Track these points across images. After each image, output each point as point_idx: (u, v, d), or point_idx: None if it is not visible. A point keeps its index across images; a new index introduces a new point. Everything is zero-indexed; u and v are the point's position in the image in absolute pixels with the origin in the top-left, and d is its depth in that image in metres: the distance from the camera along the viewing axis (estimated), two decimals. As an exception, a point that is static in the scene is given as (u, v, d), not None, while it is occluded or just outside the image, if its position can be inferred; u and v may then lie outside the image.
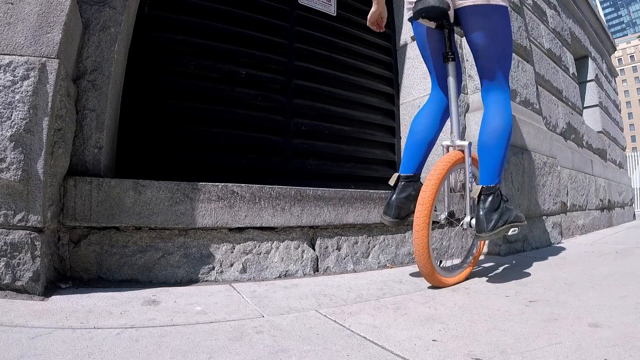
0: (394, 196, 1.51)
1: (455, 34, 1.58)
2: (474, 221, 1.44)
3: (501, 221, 1.38)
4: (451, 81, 1.49)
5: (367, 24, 1.79)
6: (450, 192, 1.60)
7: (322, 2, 2.35)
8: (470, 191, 1.46)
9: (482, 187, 1.42)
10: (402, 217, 1.50)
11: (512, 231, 1.42)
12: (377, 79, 2.60)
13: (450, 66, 1.50)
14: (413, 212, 1.42)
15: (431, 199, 1.31)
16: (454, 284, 1.42)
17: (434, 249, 1.38)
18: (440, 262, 1.51)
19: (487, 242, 2.15)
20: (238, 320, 0.96)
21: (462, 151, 1.49)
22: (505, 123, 1.45)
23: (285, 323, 0.96)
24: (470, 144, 1.48)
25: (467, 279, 1.52)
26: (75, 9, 1.19)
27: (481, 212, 1.39)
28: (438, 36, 1.55)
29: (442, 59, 1.54)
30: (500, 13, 1.44)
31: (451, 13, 1.44)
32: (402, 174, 1.54)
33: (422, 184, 1.41)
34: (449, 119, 1.59)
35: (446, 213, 1.52)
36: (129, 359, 0.70)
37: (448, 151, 1.53)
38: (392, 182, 1.54)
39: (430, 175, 1.37)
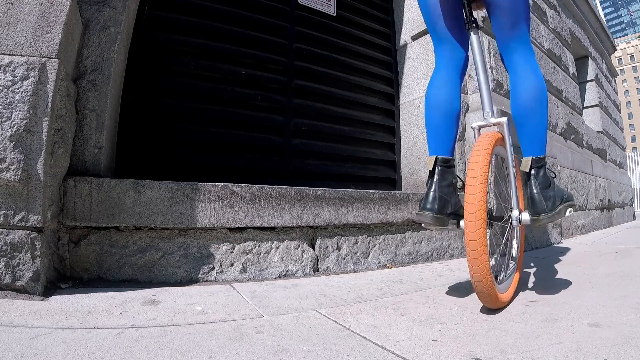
0: (435, 185, 1.21)
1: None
2: (524, 215, 1.22)
3: (557, 199, 1.19)
4: (477, 52, 1.29)
5: None
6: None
7: (322, 2, 2.35)
8: (515, 177, 1.25)
9: (532, 158, 1.22)
10: (446, 214, 1.20)
11: (569, 212, 1.22)
12: (377, 79, 2.60)
13: (474, 36, 1.30)
14: (456, 209, 1.19)
15: (484, 193, 1.03)
16: (509, 302, 1.15)
17: (433, 248, 1.21)
18: (495, 276, 1.16)
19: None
20: (238, 320, 0.96)
21: (500, 132, 1.25)
22: (543, 85, 1.27)
23: (285, 323, 0.96)
24: (509, 120, 1.25)
25: (517, 290, 1.26)
26: (75, 9, 1.18)
27: (535, 190, 1.19)
28: (456, 7, 1.35)
29: (453, 20, 1.34)
30: None
31: None
32: (439, 157, 1.24)
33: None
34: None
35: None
36: (129, 359, 0.70)
37: (480, 134, 1.28)
38: (430, 165, 1.25)
39: (474, 160, 1.08)
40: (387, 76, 2.66)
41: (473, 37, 1.30)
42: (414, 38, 2.59)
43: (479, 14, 1.49)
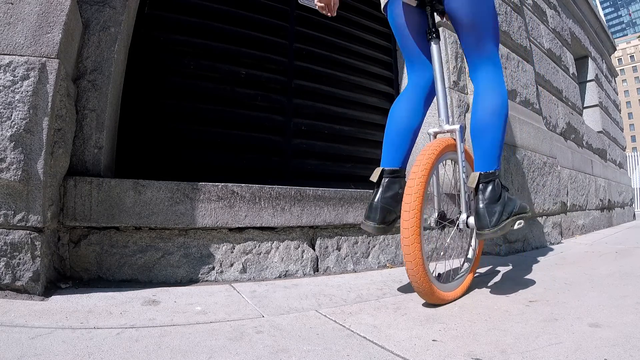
0: (378, 196, 1.27)
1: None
2: (471, 219, 1.25)
3: (505, 213, 1.19)
4: (436, 61, 1.32)
5: (317, 7, 1.55)
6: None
7: (322, 2, 2.35)
8: (465, 183, 1.27)
9: (480, 173, 1.23)
10: (388, 222, 1.26)
11: (518, 224, 1.23)
12: (377, 79, 2.60)
13: (435, 45, 1.33)
14: (399, 216, 1.19)
15: (420, 201, 1.08)
16: (455, 300, 1.22)
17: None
18: (439, 274, 1.25)
19: (486, 241, 2.15)
20: (238, 320, 0.96)
21: (453, 138, 1.29)
22: (503, 100, 1.29)
23: (285, 323, 0.96)
24: (462, 127, 1.29)
25: (468, 290, 1.32)
26: (75, 9, 1.19)
27: (481, 205, 1.19)
28: (418, 16, 1.38)
29: (422, 38, 1.38)
30: None
31: None
32: (386, 168, 1.32)
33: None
34: (432, 106, 1.41)
35: (436, 215, 1.30)
36: (129, 359, 0.70)
37: (435, 139, 1.32)
38: (374, 177, 1.32)
39: (414, 170, 1.13)
40: (387, 76, 2.66)
41: (433, 47, 1.33)
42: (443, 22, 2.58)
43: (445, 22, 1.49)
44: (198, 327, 0.90)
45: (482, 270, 1.72)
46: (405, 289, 1.36)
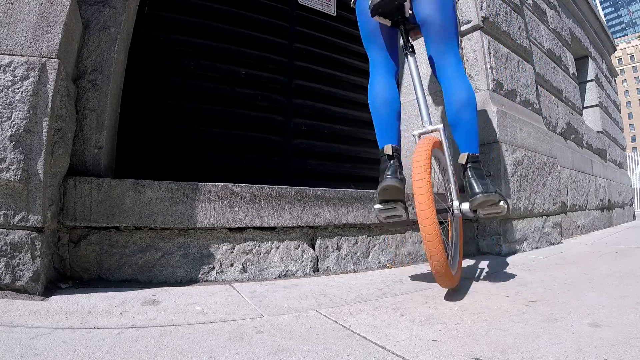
0: (395, 164, 1.38)
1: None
2: (464, 204, 1.37)
3: (492, 187, 1.35)
4: (414, 71, 1.49)
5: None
6: None
7: (322, 2, 2.35)
8: (454, 172, 1.41)
9: (468, 154, 1.40)
10: (403, 187, 1.36)
11: (503, 203, 1.37)
12: (377, 79, 2.60)
13: (412, 58, 1.50)
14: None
15: (429, 187, 1.17)
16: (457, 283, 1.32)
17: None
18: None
19: (486, 241, 2.15)
20: (238, 320, 0.96)
21: (438, 137, 1.40)
22: (471, 91, 1.46)
23: (285, 323, 0.96)
24: (444, 126, 1.43)
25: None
26: (75, 9, 1.18)
27: (472, 178, 1.36)
28: (391, 30, 1.57)
29: (390, 41, 1.56)
30: None
31: (407, 6, 1.46)
32: (394, 145, 1.43)
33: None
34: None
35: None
36: (129, 359, 0.70)
37: (419, 139, 1.41)
38: (388, 151, 1.41)
39: (416, 162, 1.21)
40: (387, 76, 2.66)
41: (410, 60, 1.50)
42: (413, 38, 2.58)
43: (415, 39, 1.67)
44: (198, 327, 0.90)
45: (482, 270, 1.72)
46: (406, 289, 1.36)
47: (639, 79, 68.99)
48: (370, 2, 1.48)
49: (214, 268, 1.36)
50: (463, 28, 2.44)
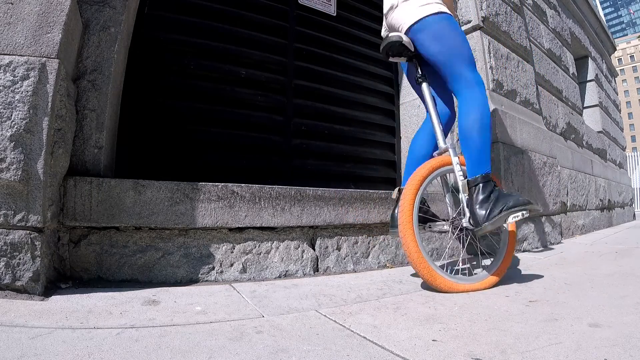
0: (397, 209, 1.51)
1: None
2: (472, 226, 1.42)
3: (496, 209, 1.34)
4: (427, 98, 1.56)
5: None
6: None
7: (322, 2, 2.35)
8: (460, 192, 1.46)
9: (468, 180, 1.42)
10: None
11: (514, 217, 1.35)
12: (377, 79, 2.60)
13: (424, 86, 1.58)
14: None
15: (412, 195, 1.35)
16: (465, 291, 1.31)
17: (433, 248, 1.32)
18: (452, 269, 1.44)
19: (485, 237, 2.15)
20: (238, 320, 0.96)
21: (450, 155, 1.50)
22: (482, 114, 1.46)
23: (285, 323, 0.96)
24: (452, 144, 1.50)
25: (490, 287, 1.37)
26: (75, 9, 1.18)
27: (474, 205, 1.38)
28: (412, 68, 1.67)
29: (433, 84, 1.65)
30: (435, 21, 1.51)
31: (408, 42, 1.54)
32: (402, 187, 1.57)
33: None
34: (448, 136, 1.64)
35: (449, 220, 1.50)
36: (129, 359, 0.70)
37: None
38: (394, 196, 1.61)
39: (410, 179, 1.41)
40: (387, 76, 2.66)
41: (424, 87, 1.58)
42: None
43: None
44: (198, 327, 0.90)
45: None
46: (406, 289, 1.36)
47: (639, 79, 68.99)
48: (380, 49, 1.65)
49: (214, 268, 1.36)
50: (463, 28, 2.44)
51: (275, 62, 2.10)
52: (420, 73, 1.59)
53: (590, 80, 5.34)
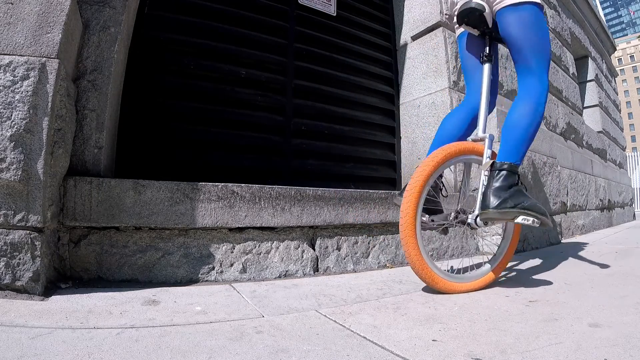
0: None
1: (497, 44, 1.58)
2: (473, 215, 1.35)
3: (511, 202, 1.25)
4: (485, 79, 1.49)
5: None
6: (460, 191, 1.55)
7: (322, 2, 2.35)
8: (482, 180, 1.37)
9: (495, 162, 1.34)
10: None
11: (524, 220, 1.26)
12: (377, 79, 2.60)
13: (486, 66, 1.51)
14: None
15: (415, 200, 1.26)
16: (465, 291, 1.30)
17: (433, 248, 1.29)
18: (452, 268, 1.45)
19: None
20: (238, 320, 0.96)
21: (482, 144, 1.43)
22: (535, 109, 1.39)
23: (285, 323, 0.96)
24: (492, 136, 1.42)
25: (486, 287, 1.36)
26: (75, 9, 1.18)
27: (490, 189, 1.29)
28: (479, 43, 1.57)
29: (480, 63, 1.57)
30: (535, 11, 1.45)
31: (489, 17, 1.47)
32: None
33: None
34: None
35: (454, 212, 1.41)
36: (128, 359, 0.70)
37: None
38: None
39: (412, 179, 1.31)
40: (387, 76, 2.66)
41: (485, 67, 1.51)
42: (414, 38, 2.59)
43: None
44: (198, 327, 0.90)
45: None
46: (406, 289, 1.36)
47: (639, 79, 68.97)
48: (455, 11, 1.54)
49: (214, 268, 1.36)
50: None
51: (275, 62, 2.10)
52: (487, 52, 1.51)
53: (590, 80, 5.34)
